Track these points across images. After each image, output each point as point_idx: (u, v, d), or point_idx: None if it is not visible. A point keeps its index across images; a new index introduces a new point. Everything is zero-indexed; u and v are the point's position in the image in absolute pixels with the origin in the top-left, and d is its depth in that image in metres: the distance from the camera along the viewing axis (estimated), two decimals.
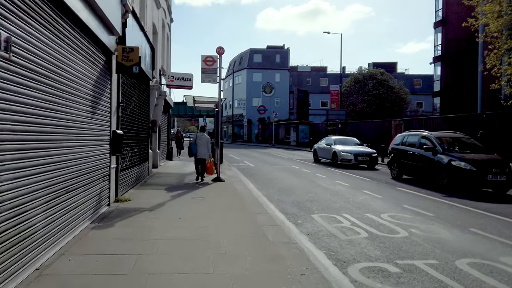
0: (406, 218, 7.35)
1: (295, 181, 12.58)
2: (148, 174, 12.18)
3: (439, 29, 35.06)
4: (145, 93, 11.75)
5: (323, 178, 13.62)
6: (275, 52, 59.36)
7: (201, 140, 11.86)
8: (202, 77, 11.62)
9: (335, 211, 7.91)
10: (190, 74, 15.36)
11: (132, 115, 9.67)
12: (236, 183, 11.47)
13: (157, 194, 8.87)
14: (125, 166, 8.58)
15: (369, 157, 17.84)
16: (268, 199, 9.17)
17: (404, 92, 42.06)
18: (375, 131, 28.34)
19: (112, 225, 5.80)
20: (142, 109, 11.30)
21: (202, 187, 10.19)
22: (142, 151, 11.18)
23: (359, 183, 12.30)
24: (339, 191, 10.63)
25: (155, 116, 14.92)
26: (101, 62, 6.51)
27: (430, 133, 12.58)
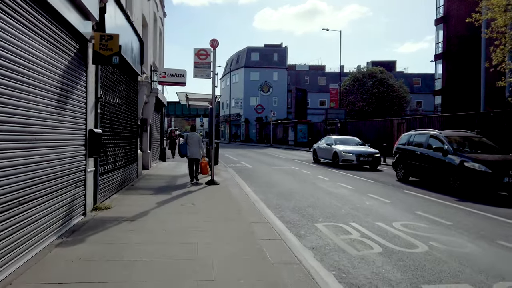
0: (421, 227, 6.51)
1: (294, 184, 11.73)
2: (137, 177, 11.30)
3: (440, 26, 34.29)
4: (133, 90, 10.87)
5: (324, 180, 12.78)
6: (272, 50, 58.52)
7: (192, 139, 11.54)
8: (195, 71, 10.74)
9: (341, 219, 7.07)
10: (183, 70, 14.52)
11: (117, 113, 8.79)
12: (232, 186, 10.62)
13: (143, 200, 7.99)
14: (107, 169, 7.71)
15: (371, 157, 17.03)
16: (266, 204, 8.32)
17: (404, 90, 41.29)
18: (376, 131, 27.54)
19: (82, 241, 4.93)
20: (130, 107, 10.42)
21: (194, 192, 9.33)
22: (129, 152, 10.30)
23: (363, 186, 11.46)
24: (343, 195, 9.79)
25: (146, 115, 14.04)
26: (72, 50, 5.63)
27: (439, 132, 11.76)
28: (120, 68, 8.99)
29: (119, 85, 9.04)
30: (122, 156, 9.28)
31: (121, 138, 9.20)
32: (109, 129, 7.93)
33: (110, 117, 8.07)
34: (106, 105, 7.74)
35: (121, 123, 9.27)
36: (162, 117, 19.32)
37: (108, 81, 7.98)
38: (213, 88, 10.76)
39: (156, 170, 14.21)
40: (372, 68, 42.00)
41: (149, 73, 14.03)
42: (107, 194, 7.69)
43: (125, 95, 9.77)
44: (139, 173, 11.81)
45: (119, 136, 9.03)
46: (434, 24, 34.91)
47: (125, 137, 9.77)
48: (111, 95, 8.28)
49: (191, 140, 11.41)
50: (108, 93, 7.93)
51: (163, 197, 8.37)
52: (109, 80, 8.03)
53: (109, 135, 7.92)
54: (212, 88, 10.77)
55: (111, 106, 8.25)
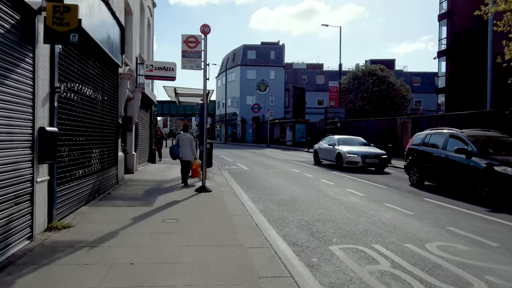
0: (464, 251, 5.15)
1: (298, 190, 10.34)
2: (117, 183, 9.87)
3: (443, 21, 33.09)
4: (112, 82, 9.44)
5: (330, 185, 11.40)
6: (269, 48, 57.09)
7: (183, 140, 10.71)
8: (183, 62, 9.33)
9: (361, 238, 5.69)
10: (173, 63, 13.08)
11: (89, 109, 7.37)
12: (226, 193, 9.22)
13: (116, 214, 6.57)
14: (70, 176, 6.28)
15: (378, 159, 15.69)
16: (266, 218, 6.93)
17: (406, 89, 39.99)
18: (379, 130, 26.24)
19: (10, 284, 3.51)
20: (107, 102, 9.00)
21: (180, 202, 7.90)
22: (107, 154, 8.87)
23: (375, 192, 10.10)
24: (355, 204, 8.42)
25: (130, 112, 12.61)
26: (10, 23, 4.21)
27: (460, 132, 10.42)
28: (93, 55, 7.57)
29: (92, 75, 7.61)
30: (96, 160, 7.85)
31: (94, 138, 7.77)
32: (75, 127, 6.51)
33: (77, 113, 6.65)
34: (71, 98, 6.32)
35: (95, 120, 7.84)
36: (152, 116, 17.88)
37: (75, 69, 6.56)
38: (204, 81, 9.35)
39: (142, 174, 12.77)
40: (372, 66, 40.70)
41: (134, 66, 12.59)
42: (70, 208, 6.26)
43: (100, 88, 8.35)
44: (120, 178, 10.38)
45: (92, 136, 7.60)
46: (437, 19, 33.69)
47: (101, 137, 8.34)
48: (80, 86, 6.85)
49: (182, 141, 10.79)
50: (74, 84, 6.51)
51: (142, 209, 6.94)
52: (76, 69, 6.61)
53: (74, 135, 6.50)
54: (203, 81, 9.36)
55: (80, 100, 6.83)
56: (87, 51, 7.15)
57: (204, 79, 9.32)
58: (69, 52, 6.24)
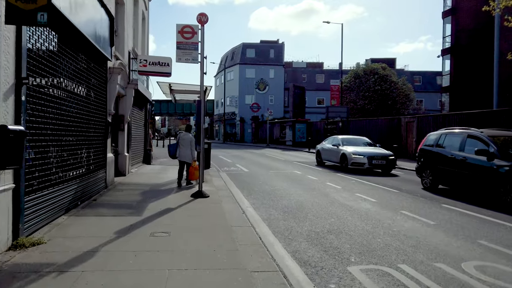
0: (508, 273, 4.33)
1: (303, 195, 9.52)
2: (105, 187, 9.02)
3: (448, 19, 32.31)
4: (99, 77, 8.59)
5: (337, 189, 10.58)
6: (269, 47, 56.23)
7: (184, 140, 10.34)
8: (178, 54, 8.48)
9: (383, 256, 4.86)
10: (168, 58, 12.24)
11: (69, 104, 6.53)
12: (225, 199, 8.38)
13: (98, 226, 5.72)
14: (43, 183, 5.43)
15: (385, 160, 14.87)
16: (271, 229, 6.11)
17: (408, 88, 39.25)
18: (382, 130, 25.44)
19: None
20: (94, 98, 8.15)
21: (174, 210, 7.05)
22: (93, 156, 8.03)
23: (387, 197, 9.28)
24: (368, 212, 7.59)
25: (122, 110, 11.76)
26: None
27: (480, 131, 9.60)
28: (76, 44, 6.72)
29: (74, 68, 6.76)
30: (78, 162, 7.00)
31: (77, 138, 6.93)
32: (51, 126, 5.66)
33: (54, 109, 5.80)
34: (46, 92, 5.47)
35: (78, 118, 7.00)
36: (147, 114, 17.01)
37: (52, 59, 5.72)
38: (201, 75, 8.50)
39: (135, 176, 11.91)
40: (374, 65, 39.91)
41: (126, 61, 11.74)
42: (44, 220, 5.41)
43: (85, 83, 7.50)
44: (110, 182, 9.53)
45: (74, 136, 6.76)
46: (441, 17, 32.90)
47: (86, 137, 7.49)
48: (59, 79, 6.01)
49: (182, 141, 10.39)
50: (51, 76, 5.66)
51: (129, 219, 6.09)
52: (54, 59, 5.77)
53: (51, 135, 5.65)
54: (200, 76, 8.51)
55: (59, 94, 5.98)
56: (68, 39, 6.30)
57: (201, 73, 8.48)
58: (45, 38, 5.39)
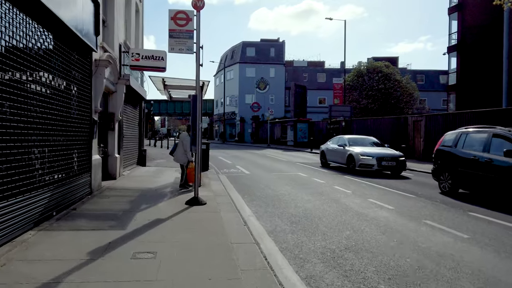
0: None
1: (311, 201, 8.56)
2: (90, 193, 8.06)
3: (454, 15, 31.35)
4: (82, 69, 7.63)
5: (347, 193, 9.63)
6: (269, 45, 55.24)
7: (179, 140, 9.82)
8: (170, 43, 7.54)
9: (419, 283, 3.92)
10: (162, 52, 11.30)
11: (39, 99, 5.58)
12: (224, 206, 7.43)
13: (71, 243, 4.76)
14: (4, 191, 4.47)
15: (395, 161, 13.92)
16: (278, 245, 5.16)
17: (412, 86, 38.31)
18: (387, 130, 24.51)
19: None
20: (76, 94, 7.21)
21: (164, 221, 6.08)
22: (75, 158, 7.08)
23: (405, 204, 8.33)
24: (387, 222, 6.64)
25: (112, 108, 10.81)
26: None
27: (508, 130, 8.65)
28: (51, 29, 5.78)
29: (48, 57, 5.82)
30: (54, 166, 6.05)
31: (52, 138, 5.98)
32: (14, 124, 4.71)
33: (21, 104, 4.86)
34: (7, 83, 4.53)
35: (55, 115, 6.06)
36: (142, 113, 16.05)
37: (18, 45, 4.77)
38: (197, 67, 7.54)
39: (126, 180, 10.95)
40: (377, 63, 38.96)
41: (116, 54, 10.79)
42: (5, 237, 4.45)
43: (63, 75, 6.55)
44: (96, 187, 8.57)
45: (48, 136, 5.81)
46: (447, 13, 31.95)
47: (64, 137, 6.55)
48: (28, 69, 5.06)
49: (179, 141, 9.82)
50: (15, 65, 4.71)
51: (110, 235, 5.14)
52: (19, 44, 4.82)
53: (15, 134, 4.70)
54: (196, 68, 7.55)
55: (28, 88, 5.04)
56: (41, 22, 5.36)
57: (197, 65, 7.52)
58: (10, 21, 4.45)
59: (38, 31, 5.43)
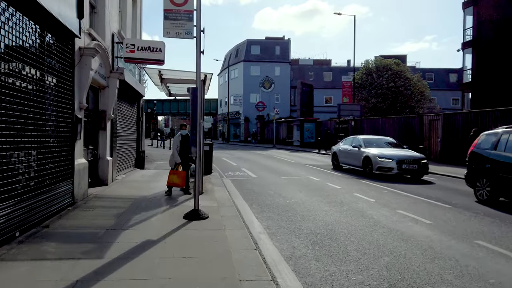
0: None
1: (331, 212, 7.32)
2: (72, 203, 6.87)
3: (469, 9, 29.91)
4: (62, 58, 6.45)
5: (370, 202, 8.38)
6: (274, 43, 53.99)
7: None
8: (166, 26, 6.35)
9: None
10: (161, 42, 10.11)
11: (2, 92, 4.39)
12: (229, 221, 6.20)
13: (21, 284, 3.56)
14: None
15: (417, 164, 12.65)
16: (301, 279, 3.93)
17: (423, 85, 36.91)
18: (400, 129, 23.22)
19: None
20: (52, 86, 6.02)
21: (154, 245, 4.84)
22: (50, 164, 5.89)
23: (442, 216, 7.06)
24: (431, 243, 5.38)
25: (104, 105, 9.62)
26: None
27: None
28: (16, 4, 4.59)
29: (10, 35, 4.63)
30: (18, 175, 4.85)
31: (16, 140, 4.79)
32: None
33: None
34: None
35: (22, 111, 4.87)
36: (140, 111, 14.87)
37: None
38: (198, 54, 6.32)
39: (119, 186, 9.75)
40: (387, 60, 37.59)
41: (108, 44, 9.61)
42: None
43: (35, 63, 5.36)
44: (81, 196, 7.38)
45: (6, 137, 4.62)
46: (462, 8, 30.50)
47: (34, 138, 5.36)
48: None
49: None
50: None
51: (80, 268, 3.91)
52: None
53: None
54: (196, 55, 6.33)
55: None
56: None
57: (197, 52, 6.31)
58: None
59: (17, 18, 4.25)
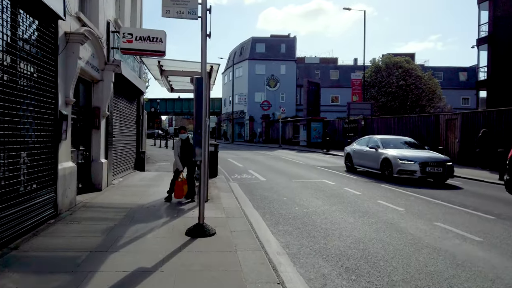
0: None
1: (358, 225, 6.24)
2: (55, 215, 5.84)
3: (484, 4, 28.67)
4: (42, 43, 5.42)
5: (400, 212, 7.29)
6: (280, 41, 52.84)
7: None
8: (165, 3, 5.28)
9: None
10: (162, 32, 9.08)
11: None
12: (240, 239, 5.14)
13: None
14: None
15: (442, 167, 11.53)
16: None
17: (435, 83, 35.68)
18: (414, 129, 22.07)
19: None
20: (27, 76, 4.99)
21: (149, 276, 3.79)
22: (19, 170, 4.86)
23: (493, 232, 5.96)
24: (495, 270, 4.30)
25: (97, 101, 8.60)
26: None
27: None
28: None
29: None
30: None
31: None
32: None
33: None
34: None
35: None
36: (140, 109, 13.84)
37: None
38: (203, 38, 5.26)
39: (115, 191, 8.71)
40: (397, 58, 36.39)
41: (103, 33, 8.59)
42: None
43: (6, 46, 4.34)
44: (66, 206, 6.35)
45: None
46: (477, 2, 29.28)
47: (3, 139, 4.33)
48: None
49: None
50: None
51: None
52: None
53: None
54: (202, 39, 5.28)
55: None
56: None
57: (203, 36, 5.25)
58: None
59: None
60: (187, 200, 7.71)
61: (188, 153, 7.71)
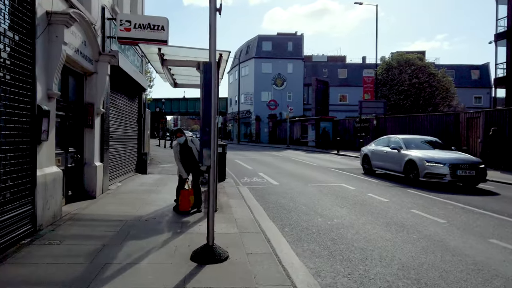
0: None
1: (400, 244, 5.14)
2: (34, 232, 4.82)
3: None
4: (15, 22, 4.39)
5: (442, 225, 6.19)
6: (286, 39, 51.70)
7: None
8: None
9: None
10: (163, 19, 8.08)
11: None
12: (259, 265, 4.08)
13: None
14: None
15: (474, 170, 10.39)
16: None
17: (448, 81, 34.38)
18: (431, 129, 20.89)
19: None
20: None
21: None
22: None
23: None
24: None
25: (91, 96, 7.58)
26: None
27: None
28: None
29: None
30: None
31: None
32: None
33: None
34: None
35: None
36: (142, 107, 12.83)
37: None
38: (212, 14, 4.21)
39: (110, 199, 7.68)
40: (409, 55, 35.13)
41: (96, 19, 7.57)
42: None
43: None
44: (49, 220, 5.32)
45: None
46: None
47: None
48: None
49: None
50: None
51: None
52: None
53: None
54: (210, 16, 4.23)
55: None
56: None
57: (212, 12, 4.20)
58: None
59: None
60: (193, 210, 6.68)
61: (189, 158, 6.73)
